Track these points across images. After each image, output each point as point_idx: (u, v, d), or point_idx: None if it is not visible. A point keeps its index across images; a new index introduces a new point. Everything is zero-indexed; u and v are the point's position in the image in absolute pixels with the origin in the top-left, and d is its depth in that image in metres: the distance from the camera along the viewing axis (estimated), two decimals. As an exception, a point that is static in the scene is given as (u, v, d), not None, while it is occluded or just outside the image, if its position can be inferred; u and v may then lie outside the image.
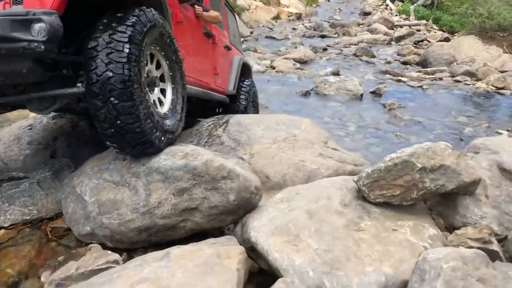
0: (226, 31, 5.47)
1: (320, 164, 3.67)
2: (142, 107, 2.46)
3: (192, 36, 4.01)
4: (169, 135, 2.83)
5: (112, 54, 2.32)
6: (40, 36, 2.15)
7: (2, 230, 2.95)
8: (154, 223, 2.66)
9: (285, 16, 22.33)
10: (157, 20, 2.71)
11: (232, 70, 5.34)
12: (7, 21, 2.13)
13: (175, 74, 3.08)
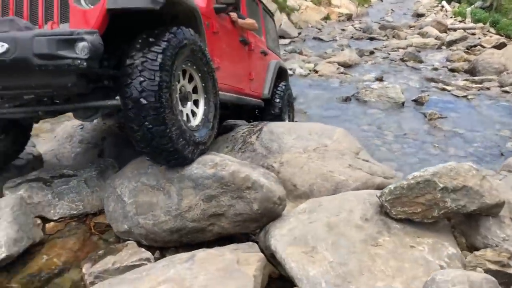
0: (264, 36, 5.61)
1: (349, 175, 3.76)
2: (174, 129, 2.68)
3: (228, 44, 4.18)
4: (201, 146, 3.04)
5: (145, 82, 2.53)
6: (83, 54, 2.39)
7: (52, 223, 3.29)
8: (185, 225, 2.90)
9: (335, 16, 22.19)
10: (188, 39, 2.87)
11: (268, 75, 5.49)
12: (54, 40, 2.38)
13: (207, 85, 3.26)
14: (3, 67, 2.46)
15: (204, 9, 3.63)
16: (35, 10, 2.68)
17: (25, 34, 2.43)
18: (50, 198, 3.36)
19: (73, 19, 2.60)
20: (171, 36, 2.72)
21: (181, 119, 2.82)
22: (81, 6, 2.61)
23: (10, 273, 2.87)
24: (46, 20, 2.66)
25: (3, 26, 2.54)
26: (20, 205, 3.12)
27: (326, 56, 11.43)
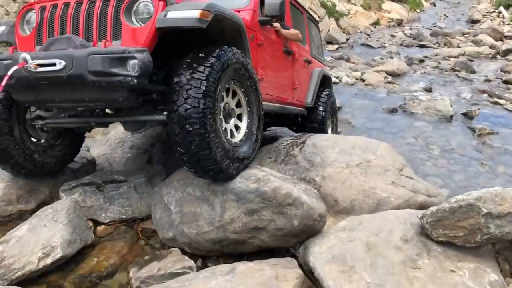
0: (308, 45, 5.65)
1: (391, 192, 3.75)
2: (218, 151, 2.78)
3: (272, 55, 4.27)
4: (245, 161, 3.17)
5: (191, 90, 2.65)
6: (133, 71, 2.54)
7: (102, 226, 3.49)
8: (227, 236, 3.01)
9: (385, 22, 21.83)
10: (231, 59, 2.96)
11: (311, 83, 5.53)
12: (107, 58, 2.54)
13: (250, 98, 3.34)
14: (60, 82, 2.68)
15: (249, 22, 3.75)
16: (90, 29, 2.86)
17: (81, 52, 2.62)
18: (102, 202, 3.57)
19: (125, 37, 2.77)
20: (215, 60, 2.81)
21: (225, 139, 2.94)
22: (132, 24, 2.78)
23: (64, 273, 3.08)
24: (100, 38, 2.82)
25: (61, 43, 2.77)
26: (75, 209, 3.34)
27: (374, 64, 11.28)
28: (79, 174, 4.09)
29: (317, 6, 16.96)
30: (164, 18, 2.68)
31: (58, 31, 2.93)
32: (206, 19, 2.71)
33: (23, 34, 3.12)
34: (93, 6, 2.86)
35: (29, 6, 3.13)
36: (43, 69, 2.66)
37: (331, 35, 16.26)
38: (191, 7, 2.72)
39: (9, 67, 2.72)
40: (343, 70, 10.41)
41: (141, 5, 2.80)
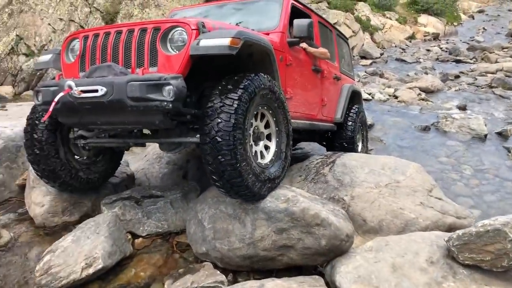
0: (337, 61, 5.75)
1: (419, 213, 3.80)
2: (244, 164, 2.90)
3: (301, 74, 4.42)
4: (276, 180, 3.31)
5: (221, 123, 2.81)
6: (169, 96, 2.73)
7: (140, 239, 3.69)
8: (257, 253, 3.15)
9: (421, 35, 21.61)
10: (258, 87, 3.10)
11: (341, 99, 5.63)
12: (144, 85, 2.75)
13: (278, 118, 3.45)
14: (101, 107, 2.91)
15: (278, 44, 3.92)
16: (128, 57, 3.06)
17: (120, 79, 2.83)
18: (140, 216, 3.78)
19: (161, 64, 2.95)
20: (242, 91, 2.94)
21: (255, 164, 3.08)
22: (168, 52, 2.97)
23: (104, 282, 3.28)
24: (138, 65, 3.02)
25: (102, 71, 3.00)
26: (115, 222, 3.56)
27: (408, 80, 11.21)
28: (119, 189, 4.33)
29: (352, 21, 17.01)
30: (197, 46, 2.85)
31: (100, 59, 3.14)
32: (236, 46, 2.87)
33: (68, 62, 3.36)
34: (131, 36, 3.07)
35: (74, 35, 3.40)
36: (86, 95, 2.88)
37: (365, 49, 16.26)
38: (222, 35, 2.88)
39: (56, 93, 2.97)
40: (376, 86, 10.40)
41: (176, 34, 2.98)
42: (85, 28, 3.65)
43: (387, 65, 14.38)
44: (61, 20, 9.93)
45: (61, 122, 3.38)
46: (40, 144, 3.53)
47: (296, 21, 4.09)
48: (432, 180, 4.40)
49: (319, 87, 4.97)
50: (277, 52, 3.72)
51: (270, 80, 3.29)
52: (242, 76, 3.07)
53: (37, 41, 9.57)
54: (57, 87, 3.03)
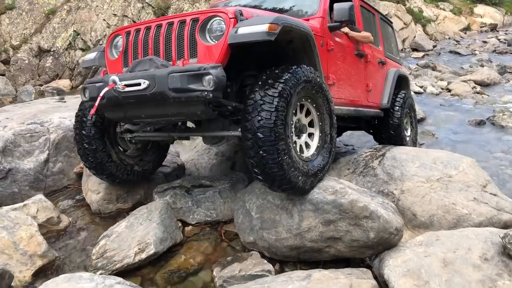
0: (381, 45, 5.58)
1: (472, 209, 3.69)
2: (286, 158, 2.87)
3: (343, 59, 4.32)
4: (319, 174, 3.26)
5: (262, 120, 2.80)
6: (209, 86, 2.76)
7: (190, 227, 3.80)
8: (303, 244, 3.17)
9: (477, 27, 20.69)
10: (302, 78, 3.06)
11: (386, 84, 5.45)
12: (185, 76, 2.79)
13: (322, 110, 3.39)
14: (145, 100, 2.99)
15: (318, 29, 3.85)
16: (169, 49, 3.12)
17: (162, 72, 2.88)
18: (190, 205, 3.88)
19: (200, 54, 2.99)
20: (283, 86, 2.90)
21: (298, 159, 3.05)
22: (207, 42, 3.00)
23: (155, 267, 3.41)
24: (179, 56, 3.07)
25: (144, 65, 3.07)
26: (167, 209, 3.68)
27: (462, 73, 10.78)
28: (170, 178, 4.46)
29: (403, 12, 16.55)
30: (235, 34, 2.85)
31: (142, 53, 3.22)
32: (275, 32, 2.85)
33: (112, 58, 3.46)
34: (171, 28, 3.12)
35: (116, 32, 3.50)
36: (130, 89, 2.96)
37: (417, 41, 15.79)
38: (260, 22, 2.88)
39: (101, 89, 3.07)
40: (428, 79, 10.08)
41: (214, 24, 3.00)
42: (142, 21, 3.74)
43: (440, 58, 13.91)
44: (115, 15, 10.28)
45: (107, 117, 3.51)
46: (89, 139, 3.67)
47: (337, 5, 3.99)
48: (487, 176, 4.24)
49: (363, 72, 4.83)
50: (317, 38, 3.68)
51: (312, 71, 3.24)
52: (283, 69, 3.04)
53: (93, 36, 9.97)
54: (102, 82, 3.14)
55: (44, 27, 10.06)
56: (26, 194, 4.19)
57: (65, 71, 9.79)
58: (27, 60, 9.69)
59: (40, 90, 9.24)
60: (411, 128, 5.86)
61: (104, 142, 3.75)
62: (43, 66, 9.78)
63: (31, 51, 9.79)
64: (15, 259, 3.31)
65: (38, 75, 9.74)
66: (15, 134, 4.34)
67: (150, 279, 3.34)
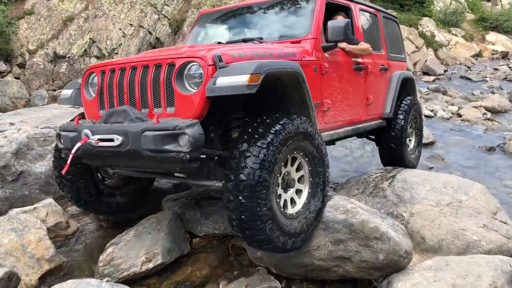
0: (384, 49, 5.09)
1: (482, 236, 3.66)
2: (264, 209, 2.67)
3: (340, 79, 4.04)
4: (301, 235, 2.98)
5: (246, 173, 2.60)
6: (185, 148, 2.58)
7: (198, 238, 3.79)
8: (312, 262, 3.15)
9: (488, 54, 20.74)
10: (294, 131, 2.87)
11: (389, 92, 5.03)
12: (159, 136, 2.62)
13: (314, 165, 3.15)
14: (120, 155, 2.85)
15: (310, 53, 3.62)
16: (145, 96, 2.91)
17: (135, 128, 2.72)
18: (198, 216, 3.88)
19: (178, 104, 2.78)
20: (272, 138, 2.73)
21: (277, 206, 2.83)
22: (185, 91, 2.77)
23: (162, 278, 3.41)
24: (155, 104, 2.87)
25: (118, 116, 2.90)
26: (175, 220, 3.69)
27: (473, 99, 10.79)
28: (180, 189, 4.48)
29: (416, 36, 16.64)
30: (213, 86, 2.65)
31: (117, 97, 3.03)
32: (256, 83, 2.63)
33: (88, 98, 3.26)
34: (146, 72, 2.91)
35: (91, 70, 3.30)
36: (104, 144, 2.83)
37: (428, 65, 15.84)
38: (240, 71, 2.66)
39: (75, 140, 2.96)
40: (439, 103, 10.08)
41: (192, 69, 2.78)
42: (118, 59, 3.56)
43: (451, 83, 13.92)
44: (131, 25, 10.43)
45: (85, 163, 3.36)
46: (67, 175, 3.54)
47: (331, 23, 3.68)
48: (497, 203, 4.22)
49: (363, 86, 4.50)
50: (309, 63, 3.53)
51: (306, 122, 3.04)
52: (274, 118, 2.85)
53: (108, 44, 10.10)
54: (76, 132, 3.02)
55: (61, 33, 10.22)
56: (36, 198, 4.22)
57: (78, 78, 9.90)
58: (42, 65, 9.83)
59: (53, 95, 9.35)
60: (415, 136, 5.53)
61: (82, 175, 3.64)
62: (57, 72, 9.91)
63: (47, 56, 9.93)
64: (23, 262, 3.33)
65: (52, 80, 9.86)
66: (29, 137, 4.39)
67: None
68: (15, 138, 4.35)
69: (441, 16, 20.94)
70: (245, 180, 2.61)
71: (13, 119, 5.00)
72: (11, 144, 4.26)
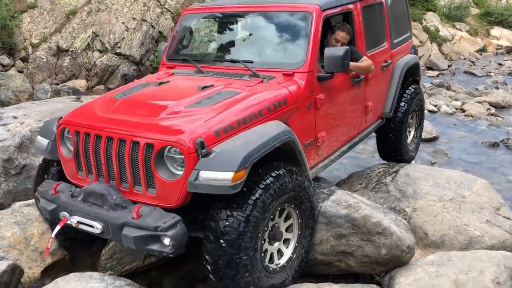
0: (388, 41, 4.70)
1: (485, 231, 3.66)
2: (247, 275, 2.55)
3: (337, 104, 3.77)
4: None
5: (228, 227, 2.46)
6: (168, 248, 2.49)
7: (200, 233, 3.78)
8: (314, 257, 3.15)
9: (493, 48, 20.57)
10: (284, 185, 2.69)
11: (391, 88, 4.71)
12: (139, 238, 2.49)
13: (303, 218, 2.97)
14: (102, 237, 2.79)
15: (302, 90, 3.32)
16: (124, 172, 2.72)
17: (115, 221, 2.58)
18: (200, 211, 3.87)
19: (159, 187, 2.61)
20: (262, 190, 2.56)
21: (261, 262, 2.68)
22: (165, 176, 2.59)
23: (164, 272, 3.42)
24: (135, 182, 2.69)
25: (96, 199, 2.71)
26: (178, 214, 3.68)
27: (477, 94, 10.71)
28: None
29: (420, 30, 16.54)
30: (195, 183, 2.45)
31: (95, 166, 2.83)
32: (241, 181, 2.44)
33: (65, 154, 3.03)
34: (124, 147, 2.68)
35: (64, 125, 3.01)
36: (84, 228, 2.72)
37: (432, 60, 15.74)
38: (223, 166, 2.45)
39: (53, 213, 2.84)
40: (443, 98, 10.02)
41: (171, 153, 2.59)
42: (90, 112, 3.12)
43: (455, 78, 13.82)
44: (134, 19, 10.40)
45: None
46: None
47: (328, 52, 3.36)
48: (501, 198, 4.22)
49: (362, 96, 4.22)
50: (303, 103, 3.30)
51: (299, 173, 2.85)
52: (264, 170, 2.65)
53: (111, 38, 10.09)
54: (54, 205, 2.84)
55: (64, 27, 10.20)
56: (39, 191, 4.22)
57: (81, 71, 9.90)
58: (45, 58, 9.82)
59: (56, 89, 9.36)
60: (415, 127, 5.36)
61: None
62: (60, 65, 9.90)
63: (50, 50, 9.92)
64: (26, 255, 3.34)
65: (55, 74, 9.85)
66: (31, 131, 4.38)
67: (158, 283, 3.36)
68: (18, 132, 4.35)
69: (445, 10, 20.77)
70: (225, 246, 2.47)
71: (16, 112, 4.99)
72: (14, 137, 4.26)
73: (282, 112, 3.11)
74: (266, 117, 2.97)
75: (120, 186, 2.76)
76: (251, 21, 3.99)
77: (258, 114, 2.93)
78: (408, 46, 5.31)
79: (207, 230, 2.55)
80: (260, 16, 3.88)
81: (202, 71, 3.68)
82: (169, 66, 3.97)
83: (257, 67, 3.50)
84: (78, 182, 2.97)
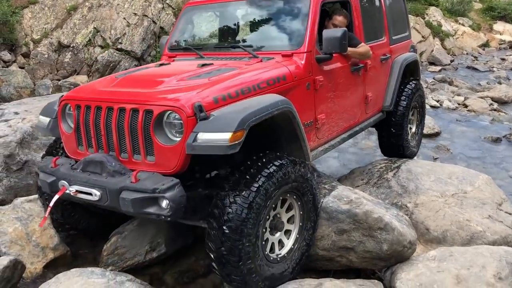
0: (386, 35, 4.77)
1: (487, 227, 3.65)
2: (248, 262, 2.56)
3: (336, 88, 3.81)
4: (277, 282, 2.81)
5: (231, 214, 2.48)
6: (165, 211, 2.48)
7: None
8: (315, 252, 3.15)
9: (496, 43, 20.48)
10: (289, 173, 2.72)
11: (390, 82, 4.77)
12: (137, 200, 2.49)
13: (306, 206, 2.97)
14: (100, 205, 2.75)
15: (302, 69, 3.37)
16: (123, 141, 2.75)
17: (113, 186, 2.59)
18: (202, 206, 3.87)
19: (158, 154, 2.63)
20: (265, 178, 2.58)
21: (262, 250, 2.70)
22: (164, 142, 2.61)
23: (165, 267, 3.43)
24: (134, 151, 2.72)
25: (95, 167, 2.73)
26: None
27: (479, 89, 10.68)
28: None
29: (422, 25, 16.48)
30: (193, 144, 2.47)
31: (95, 138, 2.87)
32: (239, 141, 2.47)
33: (66, 130, 3.06)
34: (123, 116, 2.72)
35: (66, 100, 3.05)
36: (82, 196, 2.72)
37: (435, 55, 15.68)
38: (221, 127, 2.48)
39: (53, 186, 2.84)
40: (445, 93, 9.99)
41: (170, 119, 2.62)
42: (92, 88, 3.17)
43: (457, 73, 13.77)
44: (135, 14, 10.37)
45: None
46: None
47: (326, 33, 3.42)
48: (503, 194, 4.21)
49: (362, 86, 4.27)
50: (302, 82, 3.34)
51: (302, 164, 2.88)
52: (268, 159, 2.69)
53: (112, 34, 10.06)
54: (53, 177, 2.86)
55: (65, 23, 10.17)
56: (41, 187, 4.22)
57: (83, 67, 9.88)
58: (46, 54, 9.80)
59: (57, 85, 9.35)
60: (417, 122, 5.36)
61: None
62: (61, 61, 9.89)
63: (51, 46, 9.90)
64: (27, 250, 3.35)
65: (57, 70, 9.84)
66: (33, 127, 4.38)
67: (159, 278, 3.36)
68: (19, 128, 4.36)
69: (448, 5, 20.67)
70: (228, 232, 2.48)
71: (17, 108, 4.99)
72: (16, 133, 4.27)
73: (281, 88, 3.15)
74: (265, 90, 3.01)
75: (119, 156, 2.80)
76: (251, 8, 4.04)
77: (257, 87, 2.98)
78: (407, 45, 5.39)
79: (210, 217, 2.57)
80: (260, 2, 3.95)
81: (203, 57, 3.75)
82: (170, 55, 4.06)
83: (257, 51, 3.60)
84: (78, 157, 2.99)
